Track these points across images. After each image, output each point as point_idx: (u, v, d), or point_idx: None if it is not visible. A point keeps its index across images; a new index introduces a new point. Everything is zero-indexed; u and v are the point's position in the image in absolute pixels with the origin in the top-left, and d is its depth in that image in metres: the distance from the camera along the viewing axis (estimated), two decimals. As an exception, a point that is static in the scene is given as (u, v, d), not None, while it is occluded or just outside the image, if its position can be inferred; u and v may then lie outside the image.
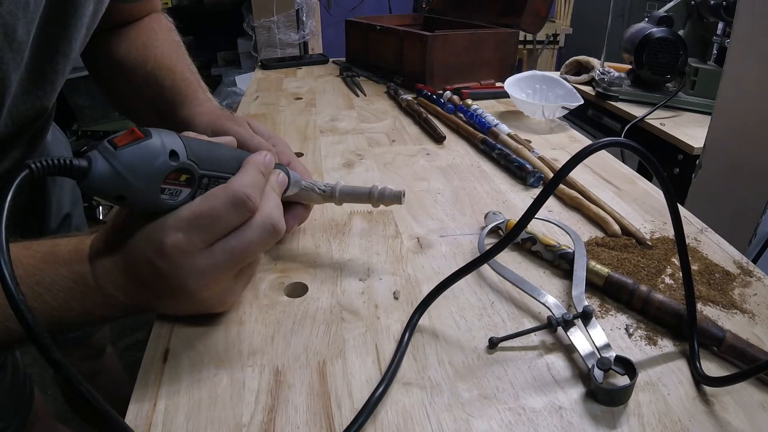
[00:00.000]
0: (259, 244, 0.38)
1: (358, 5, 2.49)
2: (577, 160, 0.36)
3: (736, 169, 0.82)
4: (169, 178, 0.34)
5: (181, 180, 0.35)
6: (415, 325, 0.42)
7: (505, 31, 1.20)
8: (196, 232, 0.35)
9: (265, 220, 0.38)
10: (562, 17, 3.29)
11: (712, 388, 0.37)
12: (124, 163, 0.31)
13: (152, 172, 0.33)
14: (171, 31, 0.66)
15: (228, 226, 0.37)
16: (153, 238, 0.35)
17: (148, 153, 0.32)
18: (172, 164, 0.33)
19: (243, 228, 0.37)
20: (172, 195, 0.35)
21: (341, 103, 1.06)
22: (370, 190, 0.49)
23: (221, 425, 0.34)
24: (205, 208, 0.36)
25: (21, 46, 0.43)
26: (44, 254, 0.37)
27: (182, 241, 0.35)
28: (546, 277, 0.50)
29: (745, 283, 0.49)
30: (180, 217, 0.35)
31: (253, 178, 0.39)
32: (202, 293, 0.37)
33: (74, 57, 0.51)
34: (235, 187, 0.37)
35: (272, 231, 0.38)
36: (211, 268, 0.36)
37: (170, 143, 0.33)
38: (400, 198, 0.49)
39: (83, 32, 0.50)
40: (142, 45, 0.61)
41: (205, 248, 0.36)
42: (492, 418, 0.34)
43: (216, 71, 2.89)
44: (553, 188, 0.36)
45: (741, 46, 0.81)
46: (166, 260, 0.35)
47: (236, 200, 0.36)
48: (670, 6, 1.23)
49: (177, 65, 0.60)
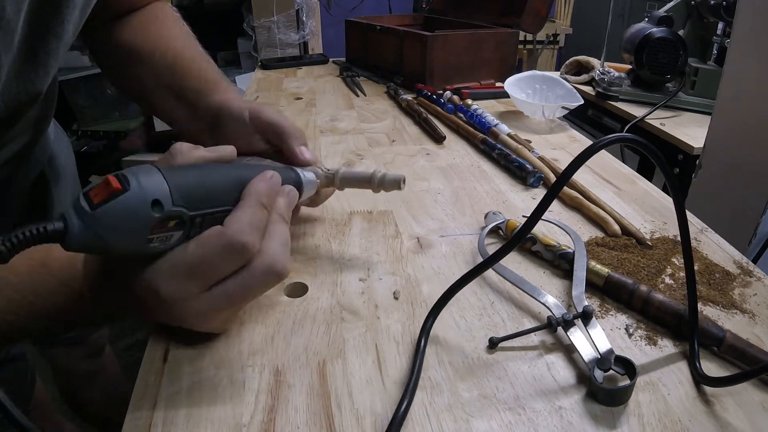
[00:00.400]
0: (261, 289, 0.37)
1: (358, 5, 2.49)
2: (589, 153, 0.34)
3: (736, 169, 0.82)
4: (155, 229, 0.31)
5: (170, 226, 0.32)
6: (430, 331, 0.41)
7: (505, 31, 1.20)
8: (190, 281, 0.34)
9: (268, 267, 0.35)
10: (562, 17, 3.29)
11: (712, 388, 0.37)
12: (100, 223, 0.29)
13: (133, 228, 0.30)
14: (178, 21, 0.65)
15: (225, 272, 0.35)
16: (149, 284, 0.33)
17: (126, 209, 0.29)
18: (155, 216, 0.30)
19: (243, 273, 0.35)
20: (163, 241, 0.32)
21: (341, 103, 1.06)
22: (371, 175, 0.49)
23: (221, 425, 0.34)
24: (198, 257, 0.34)
25: (10, 24, 0.42)
26: (37, 264, 0.36)
27: (177, 289, 0.33)
28: (546, 277, 0.50)
29: (745, 283, 0.49)
30: (173, 264, 0.33)
31: (251, 217, 0.35)
32: (202, 327, 0.38)
33: (68, 40, 0.50)
34: (230, 233, 0.34)
35: (275, 277, 0.36)
36: (210, 310, 0.35)
37: (152, 191, 0.30)
38: (400, 183, 0.49)
39: (76, 14, 0.49)
40: (156, 35, 0.61)
41: (202, 293, 0.35)
42: (492, 418, 0.34)
43: (216, 71, 2.88)
44: (562, 185, 0.36)
45: (741, 46, 0.81)
46: (163, 304, 0.34)
47: (232, 249, 0.34)
48: (670, 6, 1.23)
49: (196, 55, 0.60)
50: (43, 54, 0.49)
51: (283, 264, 0.36)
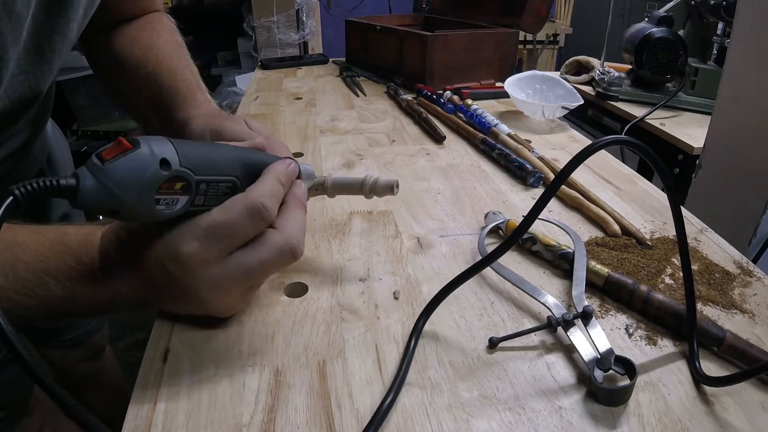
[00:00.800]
0: (275, 265, 0.38)
1: (358, 5, 2.49)
2: (585, 155, 0.35)
3: (736, 169, 0.82)
4: (162, 188, 0.32)
5: (176, 188, 0.33)
6: (421, 330, 0.41)
7: (505, 31, 1.20)
8: (213, 242, 0.35)
9: (284, 243, 0.38)
10: (562, 17, 3.29)
11: (712, 388, 0.37)
12: (111, 177, 0.30)
13: (143, 184, 0.31)
14: (173, 32, 0.66)
15: (245, 236, 0.37)
16: (169, 245, 0.35)
17: (136, 165, 0.31)
18: (163, 174, 0.32)
19: (261, 246, 0.37)
20: (169, 204, 0.33)
21: (341, 103, 1.06)
22: (362, 181, 0.48)
23: (221, 425, 0.34)
24: (222, 218, 0.36)
25: (20, 19, 0.43)
26: (53, 242, 0.37)
27: (199, 250, 0.35)
28: (546, 277, 0.50)
29: (745, 283, 0.49)
30: (198, 225, 0.35)
31: (271, 187, 0.38)
32: (213, 302, 0.38)
33: (72, 39, 0.51)
34: (252, 196, 0.37)
35: (290, 254, 0.38)
36: (224, 280, 0.36)
37: (160, 151, 0.32)
38: (392, 188, 0.47)
39: (80, 13, 0.50)
40: (144, 44, 0.61)
41: (221, 258, 0.36)
42: (492, 418, 0.34)
43: (216, 71, 2.89)
44: (559, 185, 0.36)
45: (741, 46, 0.81)
46: (181, 268, 0.35)
47: (253, 210, 0.36)
48: (670, 6, 1.23)
49: (178, 66, 0.60)
50: (49, 52, 0.49)
51: (298, 243, 0.38)
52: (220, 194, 0.37)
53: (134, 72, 0.60)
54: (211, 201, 0.37)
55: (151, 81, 0.59)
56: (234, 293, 0.39)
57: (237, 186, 0.38)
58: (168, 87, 0.58)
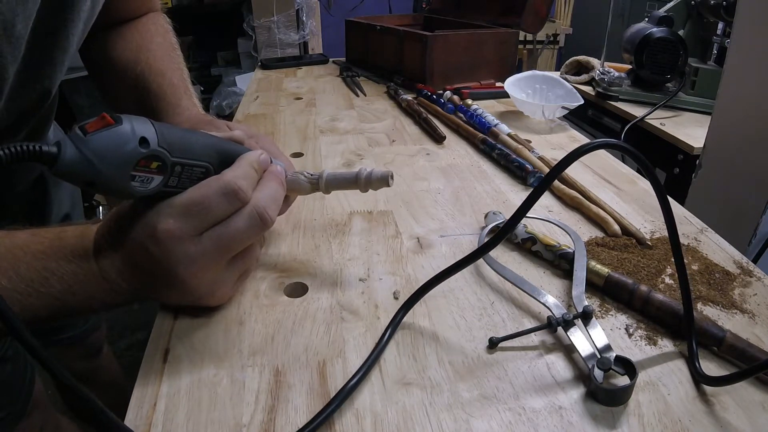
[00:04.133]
0: (246, 232, 0.39)
1: (358, 5, 2.49)
2: (568, 162, 0.36)
3: (736, 169, 0.82)
4: (139, 165, 0.34)
5: (152, 167, 0.35)
6: (399, 323, 0.42)
7: (505, 31, 1.20)
8: (187, 219, 0.37)
9: (252, 210, 0.39)
10: (562, 17, 3.29)
11: (712, 388, 0.37)
12: (92, 149, 0.31)
13: (121, 158, 0.33)
14: (167, 33, 0.66)
15: (219, 215, 0.38)
16: (147, 224, 0.36)
17: (117, 139, 0.32)
18: (141, 151, 0.33)
19: (231, 217, 0.38)
20: (143, 182, 0.35)
21: (341, 103, 1.06)
22: (356, 174, 0.47)
23: (221, 425, 0.34)
24: (197, 197, 0.37)
25: (19, 40, 0.43)
26: (51, 240, 0.38)
27: (173, 227, 0.36)
28: (546, 277, 0.50)
29: (745, 283, 0.49)
30: (173, 204, 0.37)
31: (245, 171, 0.40)
32: (192, 280, 0.38)
33: (72, 51, 0.51)
34: (227, 178, 0.38)
35: (259, 221, 0.39)
36: (199, 255, 0.37)
37: (141, 130, 0.33)
38: (387, 180, 0.47)
39: (80, 27, 0.50)
40: (136, 46, 0.61)
41: (195, 236, 0.37)
42: (492, 418, 0.34)
43: (216, 71, 2.89)
44: (546, 187, 0.37)
45: (741, 46, 0.81)
46: (158, 245, 0.36)
47: (227, 190, 0.38)
48: (670, 6, 1.23)
49: (167, 70, 0.60)
50: (49, 66, 0.49)
51: (267, 211, 0.39)
52: (193, 178, 0.39)
53: (124, 74, 0.60)
54: (185, 184, 0.38)
55: (138, 84, 0.59)
56: (212, 270, 0.39)
57: (210, 172, 0.40)
58: (154, 92, 0.58)
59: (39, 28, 0.45)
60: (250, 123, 0.94)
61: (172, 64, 0.61)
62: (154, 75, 0.59)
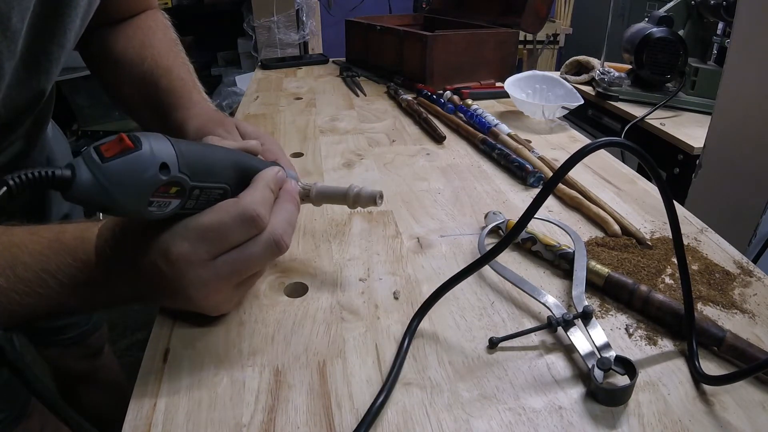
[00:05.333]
0: (262, 258, 0.39)
1: (358, 5, 2.49)
2: (575, 160, 0.36)
3: (736, 169, 0.82)
4: (158, 191, 0.32)
5: (171, 192, 0.33)
6: (415, 331, 0.41)
7: (505, 31, 1.20)
8: (202, 244, 0.36)
9: (269, 236, 0.38)
10: (562, 17, 3.29)
11: (712, 387, 0.37)
12: (109, 177, 0.30)
13: (140, 187, 0.31)
14: (168, 29, 0.66)
15: (235, 241, 0.37)
16: (161, 245, 0.36)
17: (136, 167, 0.30)
18: (162, 179, 0.31)
19: (247, 242, 0.38)
20: (161, 207, 0.33)
21: (341, 103, 1.06)
22: (346, 191, 0.48)
23: (221, 425, 0.34)
24: (214, 222, 0.36)
25: (15, 35, 0.43)
26: (50, 240, 0.37)
27: (188, 251, 0.35)
28: (546, 277, 0.50)
29: (745, 283, 0.49)
30: (189, 227, 0.36)
31: (263, 195, 0.39)
32: (201, 301, 0.38)
33: (69, 48, 0.51)
34: (245, 203, 0.37)
35: (275, 247, 0.38)
36: (212, 279, 0.37)
37: (161, 155, 0.31)
38: (375, 199, 0.47)
39: (78, 23, 0.50)
40: (139, 43, 0.61)
41: (209, 260, 0.36)
42: (492, 418, 0.34)
43: (216, 71, 2.89)
44: (552, 188, 0.37)
45: (741, 46, 0.81)
46: (170, 267, 0.35)
47: (245, 217, 0.37)
48: (670, 6, 1.23)
49: (174, 65, 0.60)
50: (45, 62, 0.49)
51: (283, 235, 0.39)
52: (211, 200, 0.37)
53: (130, 71, 0.60)
54: (201, 206, 0.37)
55: (147, 80, 0.59)
56: (223, 291, 0.39)
57: (227, 193, 0.39)
58: (164, 87, 0.58)
59: (36, 23, 0.45)
60: (250, 123, 0.94)
61: (177, 60, 0.61)
62: (162, 71, 0.59)
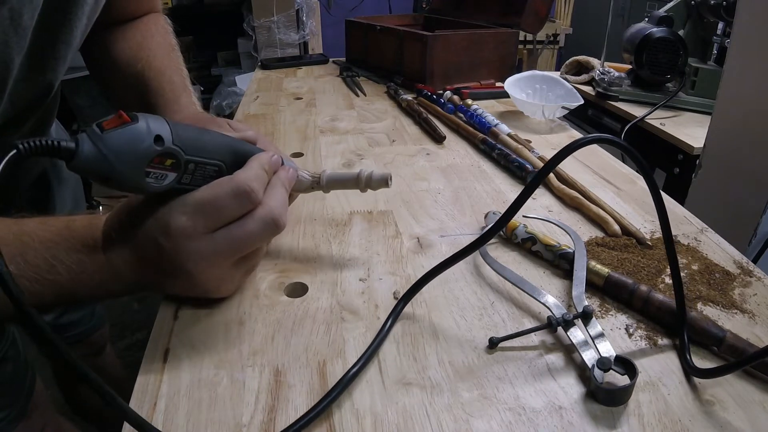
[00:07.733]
0: (259, 235, 0.40)
1: (358, 5, 2.49)
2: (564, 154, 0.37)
3: (736, 169, 0.82)
4: (153, 162, 0.35)
5: (166, 164, 0.36)
6: (399, 312, 0.43)
7: (505, 31, 1.20)
8: (200, 217, 0.37)
9: (266, 214, 0.40)
10: (562, 17, 3.29)
11: (712, 388, 0.37)
12: (108, 145, 0.33)
13: (136, 155, 0.34)
14: (167, 34, 0.67)
15: (230, 215, 0.39)
16: (160, 219, 0.37)
17: (133, 137, 0.33)
18: (156, 149, 0.34)
19: (245, 219, 0.39)
20: (157, 179, 0.36)
21: (341, 103, 1.06)
22: (357, 175, 0.50)
23: (221, 425, 0.34)
24: (209, 196, 0.38)
25: (26, 31, 0.44)
26: (59, 229, 0.38)
27: (186, 224, 0.37)
28: (546, 277, 0.50)
29: (745, 283, 0.49)
30: (186, 201, 0.38)
31: (256, 172, 0.40)
32: (200, 276, 0.39)
33: (75, 46, 0.52)
34: (238, 179, 0.39)
35: (273, 225, 0.40)
36: (210, 253, 0.38)
37: (156, 128, 0.35)
38: (387, 181, 0.49)
39: (84, 21, 0.51)
40: (136, 45, 0.62)
41: (207, 234, 0.38)
42: (492, 418, 0.34)
43: (216, 71, 2.89)
44: (540, 181, 0.38)
45: (741, 46, 0.81)
46: (169, 241, 0.37)
47: (239, 191, 0.38)
48: (670, 6, 1.23)
49: (167, 68, 0.61)
50: (52, 58, 0.50)
51: (282, 217, 0.41)
52: (206, 176, 0.39)
53: (124, 71, 0.61)
54: (198, 182, 0.39)
55: (138, 81, 0.60)
56: (222, 266, 0.40)
57: (223, 171, 0.41)
58: (154, 89, 0.59)
59: (44, 20, 0.46)
60: (250, 123, 0.94)
61: (171, 63, 0.62)
62: (154, 72, 0.60)
